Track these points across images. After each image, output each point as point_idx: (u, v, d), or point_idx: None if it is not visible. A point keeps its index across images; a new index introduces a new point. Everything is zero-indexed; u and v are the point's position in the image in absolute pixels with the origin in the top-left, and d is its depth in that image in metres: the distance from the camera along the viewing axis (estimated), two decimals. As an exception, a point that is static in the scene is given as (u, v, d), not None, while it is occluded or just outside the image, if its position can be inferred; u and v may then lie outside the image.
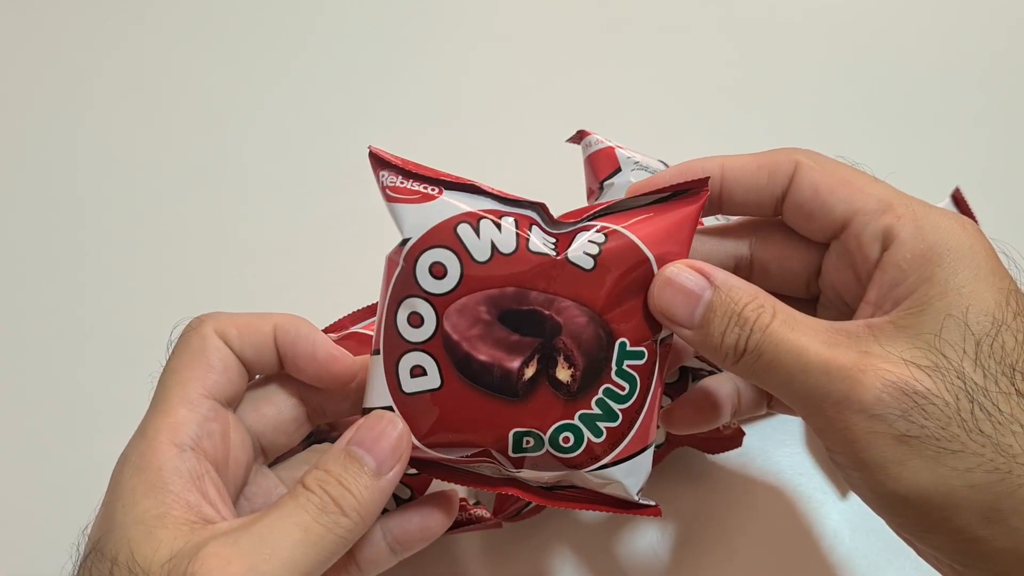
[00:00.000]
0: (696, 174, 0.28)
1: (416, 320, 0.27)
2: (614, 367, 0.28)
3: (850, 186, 0.27)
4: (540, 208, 0.28)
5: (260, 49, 0.59)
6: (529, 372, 0.27)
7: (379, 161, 0.29)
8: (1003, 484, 0.23)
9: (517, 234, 0.27)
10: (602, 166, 0.39)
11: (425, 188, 0.28)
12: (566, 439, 0.28)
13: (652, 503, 0.30)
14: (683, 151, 0.44)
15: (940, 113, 0.55)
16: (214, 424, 0.27)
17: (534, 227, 0.28)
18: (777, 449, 0.42)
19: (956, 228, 0.25)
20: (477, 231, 0.27)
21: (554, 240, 0.27)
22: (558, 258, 0.27)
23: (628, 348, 0.28)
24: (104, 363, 0.45)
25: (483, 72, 0.57)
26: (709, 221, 0.36)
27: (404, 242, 0.27)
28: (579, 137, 0.41)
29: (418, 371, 0.27)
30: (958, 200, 0.45)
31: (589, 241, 0.27)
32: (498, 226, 0.27)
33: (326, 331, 0.38)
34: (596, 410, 0.28)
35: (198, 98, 0.57)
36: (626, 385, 0.28)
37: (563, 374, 0.28)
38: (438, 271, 0.27)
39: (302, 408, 0.30)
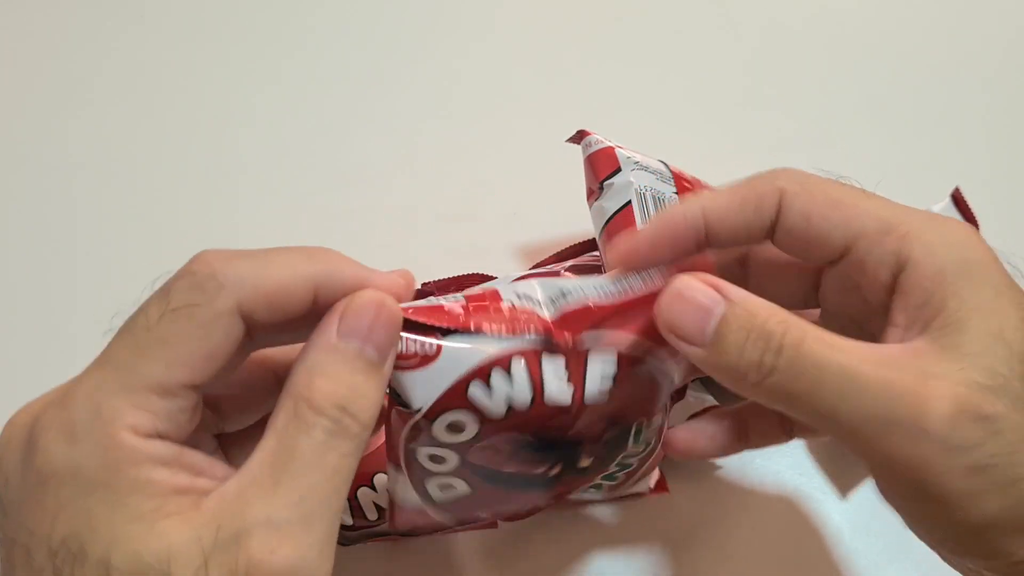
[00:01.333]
0: (679, 226, 0.27)
1: (438, 459, 0.27)
2: (631, 441, 0.29)
3: (843, 208, 0.25)
4: (545, 329, 0.26)
5: (259, 48, 0.59)
6: (555, 471, 0.28)
7: None
8: None
9: (531, 385, 0.25)
10: (602, 166, 0.39)
11: (422, 348, 0.25)
12: (590, 492, 0.32)
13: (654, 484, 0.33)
14: (683, 151, 0.44)
15: (940, 113, 0.55)
16: (187, 416, 0.22)
17: (545, 360, 0.26)
18: (777, 449, 0.42)
19: (963, 240, 0.24)
20: (489, 390, 0.25)
21: (566, 370, 0.26)
22: (575, 404, 0.26)
23: (643, 426, 0.29)
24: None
25: (483, 72, 0.57)
26: None
27: (411, 408, 0.25)
28: (579, 137, 0.41)
29: (447, 487, 0.28)
30: (958, 200, 0.45)
31: (602, 377, 0.26)
32: (509, 378, 0.25)
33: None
34: (615, 470, 0.30)
35: (197, 98, 0.57)
36: (642, 448, 0.30)
37: (584, 463, 0.28)
38: (455, 428, 0.26)
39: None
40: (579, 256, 0.42)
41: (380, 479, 0.36)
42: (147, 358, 0.21)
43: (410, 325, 0.24)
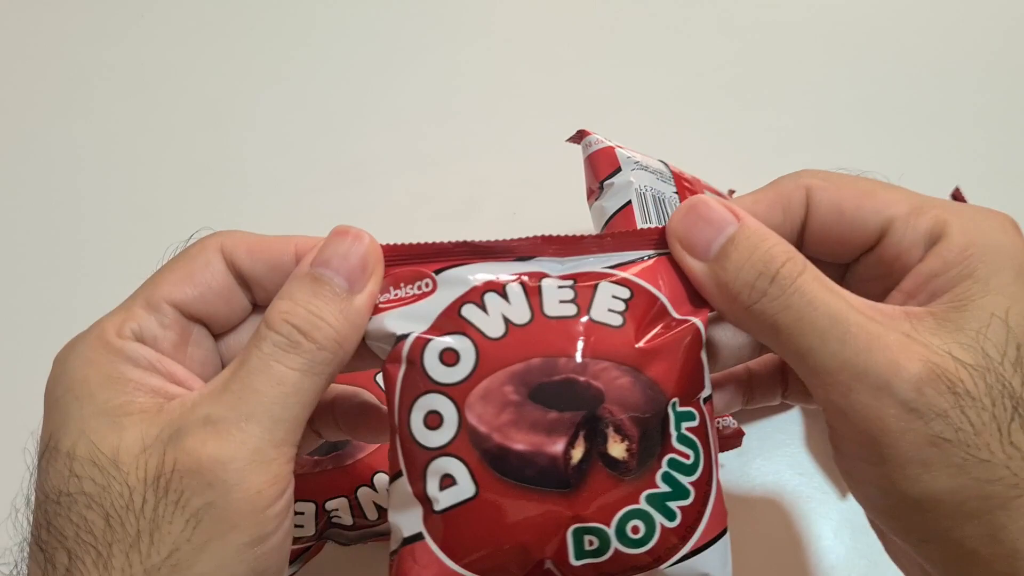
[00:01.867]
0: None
1: (434, 420, 0.23)
2: (673, 432, 0.24)
3: (874, 196, 0.25)
4: (541, 245, 0.25)
5: (260, 48, 0.59)
6: (577, 454, 0.23)
7: None
8: (1018, 502, 0.21)
9: (528, 299, 0.24)
10: (602, 166, 0.39)
11: (418, 289, 0.25)
12: (635, 529, 0.23)
13: None
14: (683, 151, 0.44)
15: (940, 112, 0.55)
16: (170, 332, 0.24)
17: (544, 281, 0.24)
18: (777, 449, 0.42)
19: (996, 225, 0.24)
20: (484, 307, 0.24)
21: (571, 287, 0.24)
22: (582, 319, 0.24)
23: (680, 408, 0.24)
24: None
25: (483, 72, 0.57)
26: None
27: (401, 338, 0.24)
28: (579, 137, 0.41)
29: (447, 482, 0.23)
30: (958, 200, 0.45)
31: (613, 297, 0.24)
32: (504, 295, 0.24)
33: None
34: (664, 487, 0.23)
35: (196, 99, 0.57)
36: (690, 452, 0.24)
37: (617, 449, 0.23)
38: (449, 358, 0.23)
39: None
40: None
41: (380, 479, 0.36)
42: (144, 285, 0.25)
43: (403, 275, 0.25)
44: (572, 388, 0.23)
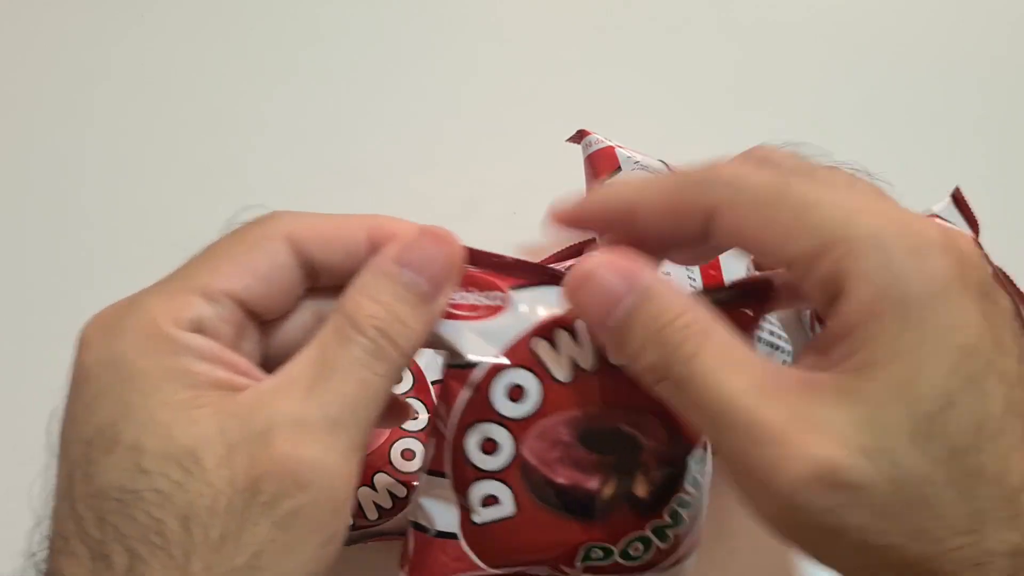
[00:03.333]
0: (607, 212, 0.25)
1: (490, 446, 0.25)
2: (688, 476, 0.26)
3: (776, 226, 0.22)
4: None
5: (261, 49, 0.59)
6: (608, 491, 0.25)
7: None
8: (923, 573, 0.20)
9: (595, 347, 0.25)
10: (602, 166, 0.39)
11: (489, 299, 0.25)
12: (635, 548, 0.26)
13: None
14: (684, 150, 0.44)
15: (941, 112, 0.55)
16: (228, 326, 0.23)
17: None
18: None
19: (911, 268, 0.20)
20: (555, 345, 0.24)
21: None
22: None
23: (696, 455, 0.26)
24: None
25: (482, 72, 0.57)
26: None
27: (472, 365, 0.24)
28: (579, 137, 0.41)
29: (491, 501, 0.25)
30: (958, 200, 0.45)
31: None
32: (574, 335, 0.25)
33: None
34: (668, 520, 0.26)
35: (197, 99, 0.57)
36: (695, 492, 0.27)
37: (641, 490, 0.26)
38: (516, 394, 0.24)
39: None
40: (579, 256, 0.42)
41: (380, 479, 0.36)
42: (195, 268, 0.23)
43: (476, 279, 0.25)
44: (618, 436, 0.25)
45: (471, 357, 0.24)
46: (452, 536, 0.25)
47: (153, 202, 0.52)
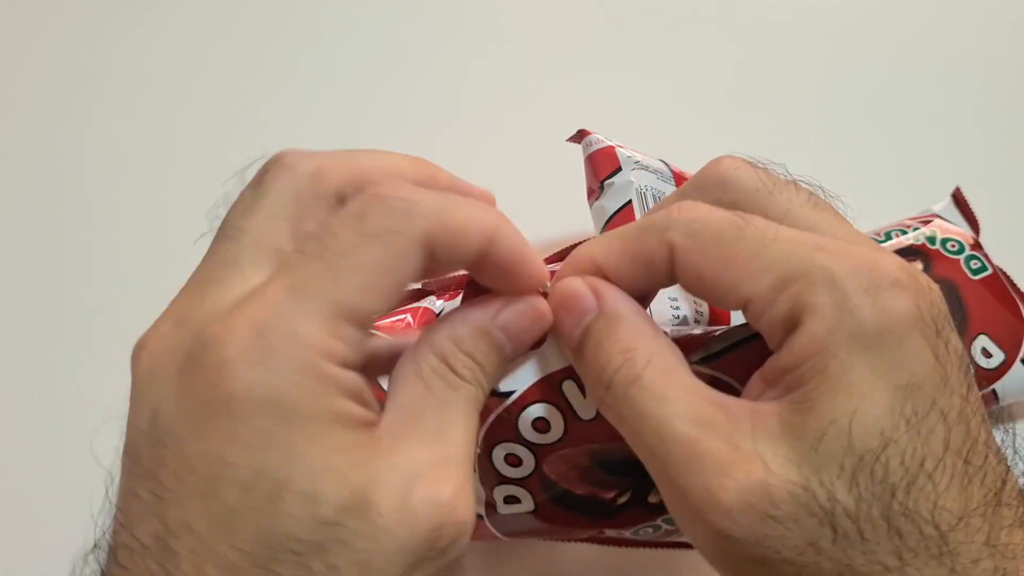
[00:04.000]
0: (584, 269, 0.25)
1: (514, 460, 0.27)
2: None
3: (734, 266, 0.22)
4: None
5: (262, 50, 0.59)
6: (623, 500, 0.28)
7: None
8: None
9: None
10: (602, 165, 0.39)
11: None
12: (646, 531, 0.29)
13: None
14: (684, 150, 0.44)
15: (941, 112, 0.55)
16: (359, 353, 0.21)
17: None
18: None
19: (870, 303, 0.21)
20: (583, 388, 0.25)
21: None
22: None
23: None
24: (108, 366, 0.45)
25: (483, 72, 0.57)
26: None
27: (504, 395, 0.26)
28: (579, 136, 0.41)
29: (512, 500, 0.28)
30: (958, 200, 0.45)
31: None
32: None
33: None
34: None
35: (197, 100, 0.57)
36: None
37: (655, 498, 0.28)
38: (541, 425, 0.26)
39: None
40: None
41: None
42: (342, 284, 0.20)
43: None
44: (635, 464, 0.25)
45: (503, 388, 0.25)
46: (479, 517, 0.28)
47: (153, 202, 0.52)
